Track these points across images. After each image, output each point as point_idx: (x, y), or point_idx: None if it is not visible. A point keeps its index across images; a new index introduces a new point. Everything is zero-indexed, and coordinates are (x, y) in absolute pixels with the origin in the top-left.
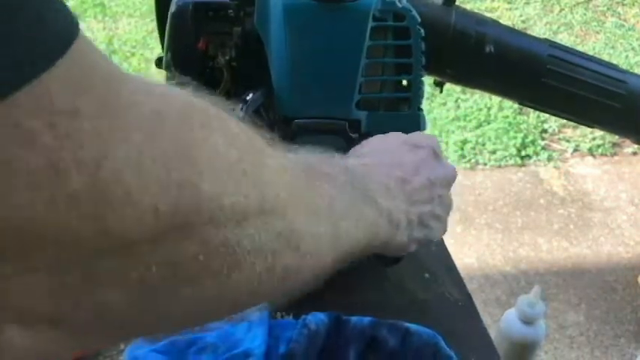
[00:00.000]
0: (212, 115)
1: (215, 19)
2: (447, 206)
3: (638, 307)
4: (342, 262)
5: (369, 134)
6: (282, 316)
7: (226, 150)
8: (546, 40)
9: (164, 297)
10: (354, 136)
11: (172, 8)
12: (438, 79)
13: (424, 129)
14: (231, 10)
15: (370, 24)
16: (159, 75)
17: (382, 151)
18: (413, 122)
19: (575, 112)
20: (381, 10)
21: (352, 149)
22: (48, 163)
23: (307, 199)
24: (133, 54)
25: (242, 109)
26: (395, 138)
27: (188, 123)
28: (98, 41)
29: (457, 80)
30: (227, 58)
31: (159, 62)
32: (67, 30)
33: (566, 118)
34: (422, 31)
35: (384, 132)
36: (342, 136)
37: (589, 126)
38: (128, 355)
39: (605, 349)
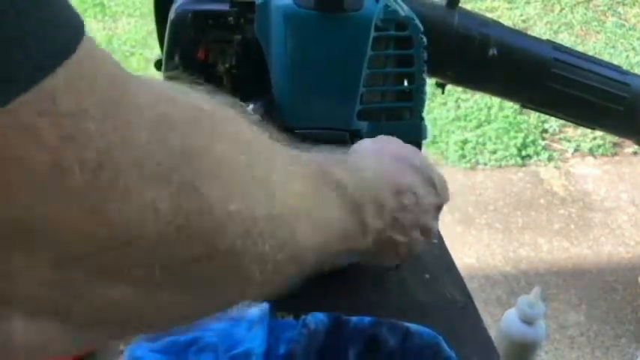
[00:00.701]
0: (222, 120)
1: (215, 26)
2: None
3: (638, 307)
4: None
5: None
6: (282, 317)
7: (234, 156)
8: (550, 42)
9: (166, 296)
10: None
11: (171, 15)
12: (440, 80)
13: (425, 138)
14: (231, 18)
15: (372, 34)
16: (157, 77)
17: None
18: (414, 131)
19: (578, 115)
20: (383, 19)
21: (371, 142)
22: (52, 162)
23: (312, 210)
24: (132, 54)
25: None
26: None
27: (195, 128)
28: (98, 41)
29: (459, 82)
30: (227, 66)
31: (158, 64)
32: (72, 32)
33: (568, 120)
34: (424, 39)
35: None
36: (343, 147)
37: (591, 128)
38: (128, 355)
39: (606, 350)
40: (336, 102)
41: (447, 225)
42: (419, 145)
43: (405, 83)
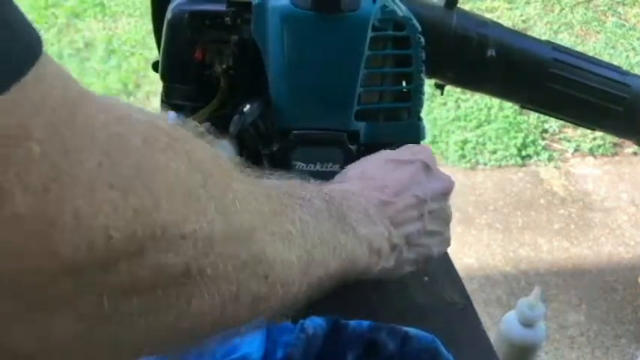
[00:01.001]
0: (176, 138)
1: (212, 27)
2: (444, 219)
3: (638, 308)
4: (315, 289)
5: (368, 145)
6: (280, 320)
7: (189, 174)
8: (549, 42)
9: (117, 326)
10: (352, 147)
11: (168, 15)
12: (439, 82)
13: (424, 138)
14: (227, 18)
15: (370, 34)
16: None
17: (366, 174)
18: (413, 132)
19: (578, 116)
20: (380, 19)
21: (337, 176)
22: None
23: (277, 226)
24: (132, 54)
25: (239, 120)
26: (379, 158)
27: (150, 146)
28: (98, 41)
29: (458, 83)
30: (224, 67)
31: (155, 66)
32: (26, 52)
33: (567, 121)
34: (422, 39)
35: (383, 142)
36: (341, 148)
37: (591, 129)
38: None
39: (606, 350)
40: (334, 103)
41: None
42: None
43: (404, 83)
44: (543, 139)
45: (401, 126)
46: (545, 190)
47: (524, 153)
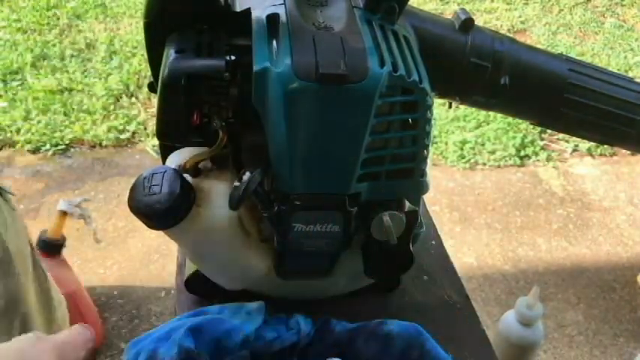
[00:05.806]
0: None
1: (210, 81)
2: None
3: (636, 307)
4: None
5: (368, 202)
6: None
7: None
8: (567, 60)
9: None
10: (352, 209)
11: (164, 73)
12: (448, 101)
13: (425, 192)
14: (227, 74)
15: (376, 103)
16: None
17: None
18: (415, 188)
19: (592, 138)
20: (388, 85)
21: None
22: None
23: None
24: (134, 54)
25: (241, 190)
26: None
27: None
28: (99, 42)
29: (466, 104)
30: (223, 123)
31: (151, 87)
32: None
33: (581, 138)
34: (431, 100)
35: (383, 200)
36: (341, 210)
37: (603, 144)
38: (129, 349)
39: (604, 349)
40: (336, 170)
41: (446, 224)
42: (417, 200)
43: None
44: (542, 139)
45: (403, 183)
46: (543, 189)
47: (522, 153)
